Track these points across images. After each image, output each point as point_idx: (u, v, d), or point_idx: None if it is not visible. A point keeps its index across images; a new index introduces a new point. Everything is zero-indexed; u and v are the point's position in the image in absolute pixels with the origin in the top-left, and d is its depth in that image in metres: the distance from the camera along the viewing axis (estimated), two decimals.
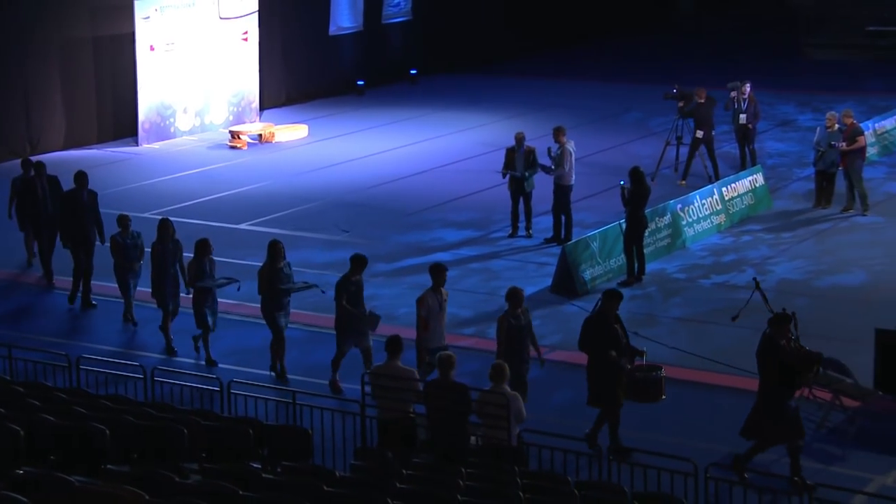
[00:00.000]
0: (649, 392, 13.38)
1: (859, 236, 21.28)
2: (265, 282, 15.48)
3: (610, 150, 27.78)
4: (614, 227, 19.73)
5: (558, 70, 38.44)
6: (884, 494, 12.03)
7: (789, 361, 12.46)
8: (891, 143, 26.98)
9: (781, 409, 12.51)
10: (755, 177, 23.25)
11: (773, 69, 35.03)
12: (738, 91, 24.51)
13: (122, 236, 17.11)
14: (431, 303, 14.27)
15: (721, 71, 34.06)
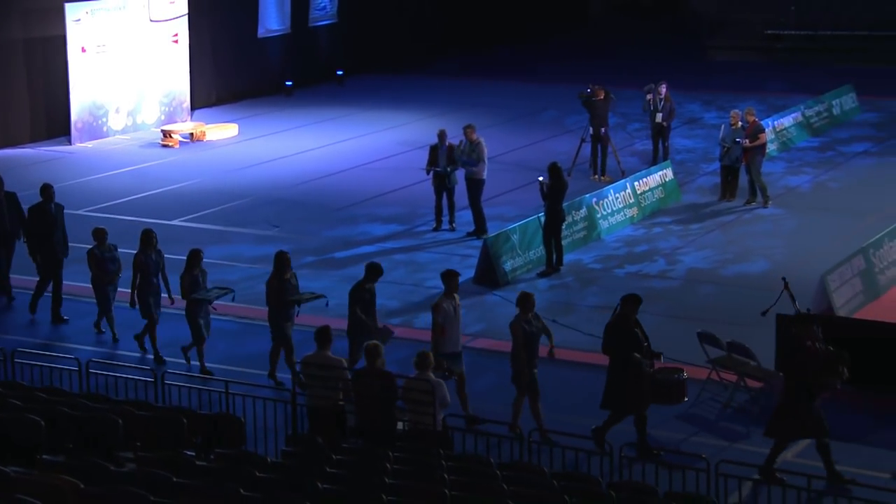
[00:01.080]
0: (672, 394, 13.19)
1: (761, 227, 21.57)
2: (274, 293, 14.87)
3: (528, 147, 27.88)
4: (533, 220, 19.80)
5: (478, 70, 38.47)
6: (784, 469, 12.21)
7: (814, 361, 12.12)
8: (789, 139, 27.39)
9: (808, 408, 12.18)
10: (665, 172, 23.46)
11: (679, 70, 35.35)
12: (655, 92, 24.75)
13: (99, 249, 16.26)
14: (447, 308, 13.74)
15: (631, 71, 34.38)
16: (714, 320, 16.30)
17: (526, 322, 13.35)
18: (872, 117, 29.98)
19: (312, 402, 12.67)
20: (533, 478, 10.80)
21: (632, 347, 12.90)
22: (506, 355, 13.97)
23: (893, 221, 19.07)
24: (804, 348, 12.11)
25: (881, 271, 17.78)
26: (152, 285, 15.75)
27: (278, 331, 14.91)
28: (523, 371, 13.25)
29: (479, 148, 20.84)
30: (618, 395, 12.95)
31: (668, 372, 13.30)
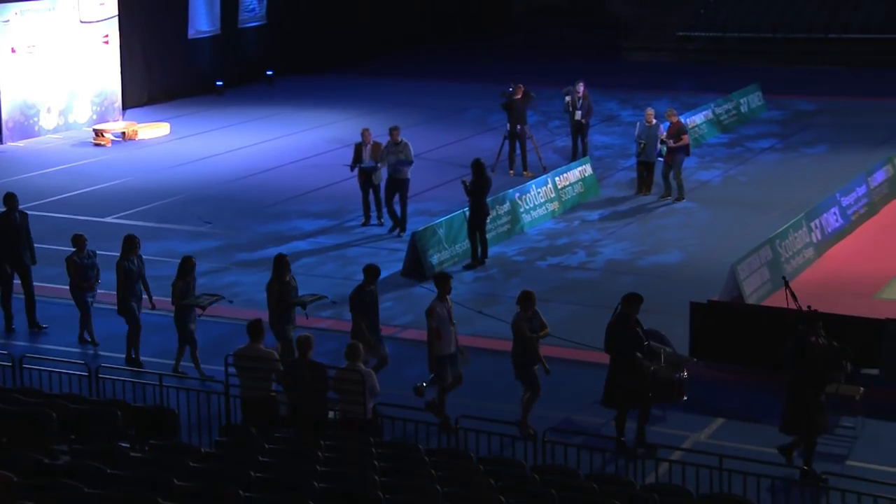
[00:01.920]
0: (672, 392, 13.14)
1: (676, 220, 21.80)
2: (274, 296, 14.41)
3: (453, 144, 27.91)
4: (459, 214, 19.81)
5: (404, 70, 38.43)
6: (697, 449, 12.36)
7: (819, 358, 12.00)
8: (700, 136, 27.71)
9: (816, 404, 12.03)
10: (584, 167, 23.62)
11: (597, 70, 35.61)
12: (574, 94, 24.92)
13: (78, 256, 15.65)
14: (440, 312, 13.39)
15: (552, 71, 34.56)
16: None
17: (527, 320, 13.12)
18: (777, 115, 30.45)
19: (245, 394, 12.55)
20: (460, 462, 10.81)
21: (633, 346, 12.69)
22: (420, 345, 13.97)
23: (798, 213, 19.37)
24: (810, 345, 12.00)
25: (787, 261, 18.07)
26: (135, 291, 15.24)
27: (281, 333, 14.28)
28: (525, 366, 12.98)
29: (406, 149, 20.76)
30: (619, 393, 12.73)
31: (669, 370, 13.24)
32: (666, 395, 13.19)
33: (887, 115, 29.20)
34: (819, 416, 12.01)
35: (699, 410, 13.72)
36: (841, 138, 27.42)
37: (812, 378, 11.99)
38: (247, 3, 36.39)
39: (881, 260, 18.87)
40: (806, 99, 31.81)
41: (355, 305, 14.07)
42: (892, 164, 22.80)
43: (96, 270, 15.88)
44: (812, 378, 11.99)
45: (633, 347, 12.68)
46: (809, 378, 12.00)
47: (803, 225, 18.97)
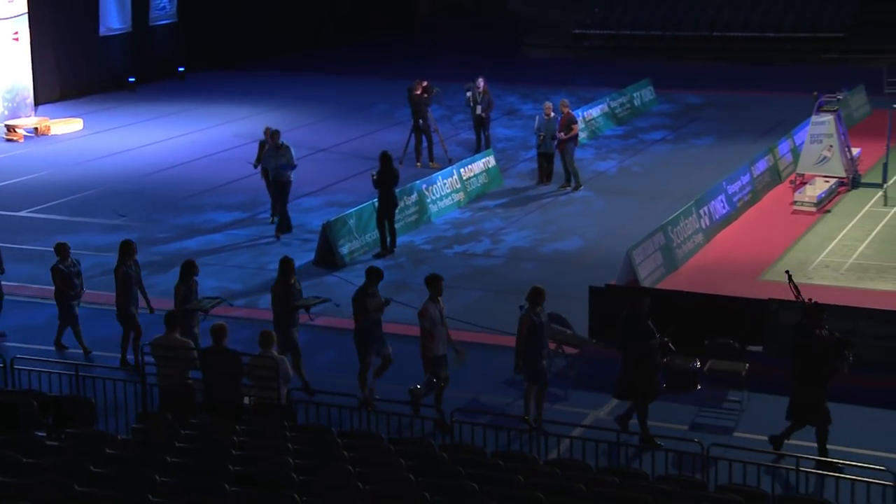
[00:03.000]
0: (687, 383, 12.97)
1: (574, 208, 22.00)
2: (279, 299, 13.80)
3: (361, 138, 27.79)
4: (368, 205, 19.74)
5: (314, 66, 38.12)
6: (596, 426, 12.52)
7: (824, 349, 11.90)
8: (597, 128, 28.02)
9: (820, 394, 11.91)
10: (488, 159, 23.70)
11: (498, 65, 35.75)
12: (475, 89, 24.99)
13: (63, 264, 14.93)
14: (433, 313, 13.03)
15: (456, 66, 34.56)
16: None
17: (535, 315, 12.77)
18: (668, 108, 30.89)
19: (162, 382, 12.35)
20: (371, 443, 10.78)
21: (645, 341, 12.48)
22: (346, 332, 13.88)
23: (688, 201, 19.68)
24: (815, 337, 11.93)
25: (678, 246, 18.36)
26: (134, 296, 14.63)
27: (285, 336, 13.64)
28: (530, 359, 12.70)
29: (288, 153, 19.94)
30: (633, 386, 12.52)
31: (683, 361, 13.09)
32: (682, 385, 12.99)
33: (768, 108, 29.81)
34: (825, 406, 11.89)
35: (598, 388, 13.87)
36: (726, 130, 27.92)
37: (817, 369, 11.88)
38: (157, 1, 35.79)
39: (764, 244, 19.29)
40: (694, 93, 32.32)
41: (358, 309, 13.49)
42: (773, 154, 23.31)
43: (81, 278, 15.20)
44: (817, 369, 11.88)
45: (645, 344, 12.44)
46: (814, 369, 11.89)
47: (693, 212, 19.29)
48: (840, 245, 18.98)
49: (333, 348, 14.84)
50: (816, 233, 19.71)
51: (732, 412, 13.26)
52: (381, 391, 13.31)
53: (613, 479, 9.92)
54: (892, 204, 20.99)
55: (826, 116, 21.85)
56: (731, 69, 35.59)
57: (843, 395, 12.97)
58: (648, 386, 12.47)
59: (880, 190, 21.37)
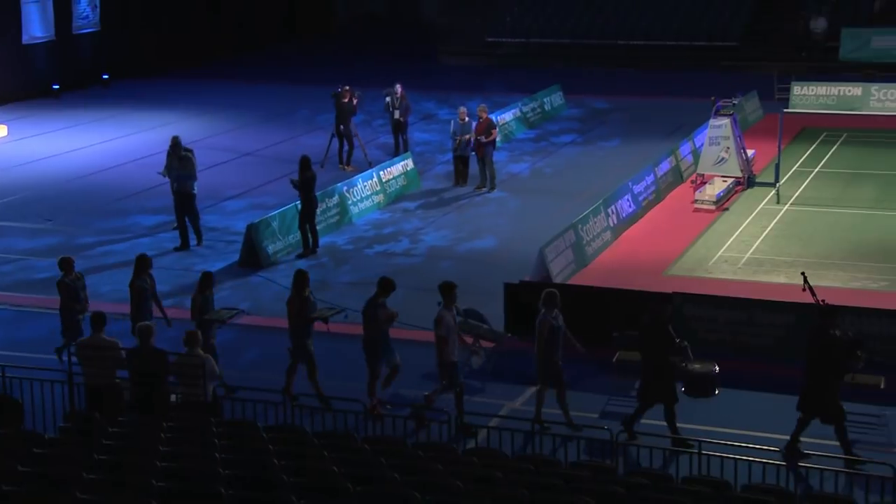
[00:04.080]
0: (707, 387, 12.68)
1: (490, 209, 22.09)
2: (295, 311, 13.28)
3: (284, 142, 27.56)
4: (291, 207, 19.58)
5: (237, 73, 37.70)
6: (512, 416, 12.57)
7: (838, 349, 11.78)
8: (510, 132, 28.16)
9: (834, 393, 11.76)
10: (406, 162, 23.69)
11: (415, 72, 35.75)
12: (393, 95, 24.98)
13: (68, 278, 14.23)
14: (449, 320, 12.72)
15: (375, 73, 34.46)
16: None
17: (553, 318, 12.53)
18: (576, 112, 31.18)
19: (90, 381, 12.09)
20: (295, 437, 10.70)
21: (666, 346, 12.27)
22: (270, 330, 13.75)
23: (597, 200, 19.88)
24: (830, 336, 11.79)
25: (588, 243, 18.54)
26: (148, 310, 14.03)
27: (301, 348, 13.28)
28: (549, 362, 12.49)
29: (188, 163, 19.25)
30: (653, 391, 12.29)
31: (701, 367, 12.74)
32: (701, 389, 12.69)
33: (670, 112, 30.25)
34: (838, 403, 11.76)
35: (514, 380, 13.94)
36: (631, 133, 28.27)
37: (832, 367, 11.76)
38: (80, 10, 35.14)
39: (668, 240, 19.57)
40: (601, 98, 32.68)
41: (368, 319, 13.13)
42: (675, 155, 23.67)
43: (86, 292, 14.51)
44: (832, 367, 11.76)
45: (666, 347, 12.26)
46: (829, 368, 11.77)
47: (601, 210, 19.49)
48: (737, 241, 19.34)
49: (256, 346, 14.69)
50: (716, 230, 20.06)
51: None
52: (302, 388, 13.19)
53: (529, 467, 9.98)
54: (785, 202, 21.47)
55: (723, 120, 22.24)
56: (635, 76, 36.06)
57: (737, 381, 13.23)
58: (668, 390, 12.23)
59: (773, 189, 21.83)
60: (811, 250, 18.57)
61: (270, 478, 9.20)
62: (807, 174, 23.38)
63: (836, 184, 22.66)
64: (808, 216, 20.62)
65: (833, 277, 17.17)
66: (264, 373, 13.72)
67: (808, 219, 20.45)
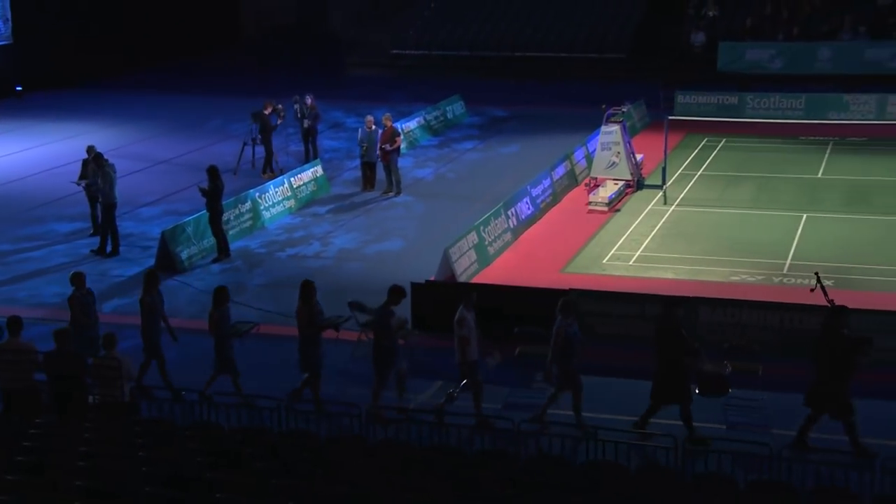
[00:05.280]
0: (721, 387, 12.37)
1: (396, 212, 22.09)
2: (304, 321, 12.85)
3: (197, 151, 27.15)
4: (204, 214, 19.29)
5: (150, 85, 37.00)
6: (421, 409, 12.60)
7: (848, 347, 11.65)
8: (415, 139, 28.22)
9: (844, 389, 11.61)
10: (316, 168, 23.55)
11: (323, 82, 35.55)
12: (302, 103, 24.82)
13: (80, 293, 13.56)
14: (470, 321, 12.51)
15: (284, 83, 34.17)
16: (361, 291, 16.52)
17: (568, 325, 12.28)
18: (476, 120, 31.36)
19: (7, 385, 11.75)
20: (213, 434, 10.56)
21: (679, 347, 12.00)
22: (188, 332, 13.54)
23: (497, 203, 20.04)
24: (840, 336, 11.66)
25: (490, 244, 18.68)
26: (159, 326, 13.41)
27: (310, 356, 12.91)
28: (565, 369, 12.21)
29: (109, 179, 18.96)
30: (667, 391, 12.05)
31: (714, 367, 12.46)
32: (715, 389, 12.42)
33: (564, 119, 30.64)
34: (848, 400, 11.62)
35: (421, 375, 13.97)
36: (529, 139, 28.56)
37: (842, 365, 11.62)
38: None
39: (565, 240, 19.82)
40: (499, 107, 32.94)
41: (380, 328, 12.82)
42: (570, 160, 23.99)
43: (95, 306, 13.89)
44: (842, 365, 11.62)
45: (679, 348, 12.00)
46: (840, 366, 11.62)
47: (502, 213, 19.66)
48: (629, 240, 19.68)
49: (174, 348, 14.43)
50: (608, 230, 20.39)
51: (542, 392, 13.55)
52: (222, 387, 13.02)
53: (436, 457, 10.02)
54: (671, 203, 21.93)
55: (613, 127, 22.61)
56: (532, 86, 36.44)
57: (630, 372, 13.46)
58: (682, 390, 11.99)
59: (660, 191, 22.28)
60: (696, 247, 19.01)
61: (189, 475, 9.07)
62: (691, 177, 23.93)
63: (718, 185, 23.24)
64: (692, 216, 21.09)
65: (715, 273, 17.61)
66: (184, 372, 13.49)
67: (693, 218, 20.93)
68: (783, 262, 17.96)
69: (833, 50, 33.51)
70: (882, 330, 13.85)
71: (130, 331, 13.61)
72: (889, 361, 13.30)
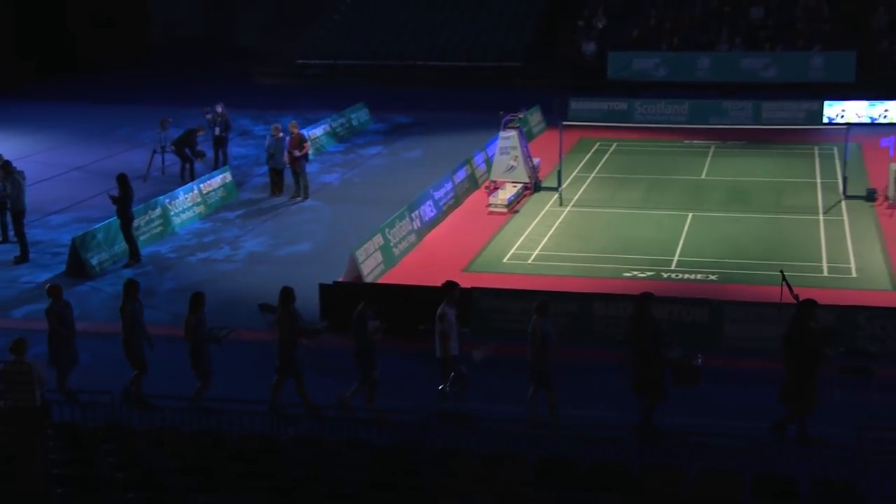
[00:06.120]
0: (694, 378, 12.17)
1: (305, 216, 21.93)
2: (284, 326, 12.62)
3: (107, 158, 26.52)
4: (114, 220, 18.86)
5: (60, 94, 35.96)
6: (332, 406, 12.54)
7: (815, 340, 11.63)
8: (321, 145, 28.05)
9: (812, 382, 11.58)
10: (225, 175, 23.24)
11: (232, 91, 35.04)
12: (213, 113, 24.49)
13: (58, 305, 13.09)
14: (451, 317, 12.39)
15: (193, 93, 33.61)
16: (271, 293, 16.34)
17: (543, 324, 12.12)
18: (381, 127, 31.34)
19: None
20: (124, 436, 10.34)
21: (654, 340, 11.88)
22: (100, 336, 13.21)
23: (402, 206, 20.06)
24: (809, 329, 11.64)
25: (395, 245, 18.69)
26: (140, 334, 12.96)
27: (291, 363, 12.70)
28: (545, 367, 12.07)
29: (17, 186, 18.55)
30: (643, 383, 11.93)
31: (687, 360, 12.27)
32: (687, 381, 12.24)
33: (464, 125, 30.81)
34: (815, 390, 11.66)
35: (332, 375, 13.89)
36: (431, 145, 28.66)
37: (810, 357, 11.66)
38: None
39: (467, 241, 19.94)
40: (403, 114, 32.97)
41: (359, 329, 12.69)
42: (470, 164, 24.16)
43: (72, 318, 13.31)
44: (810, 357, 11.66)
45: (653, 341, 11.90)
46: (808, 357, 11.66)
47: (406, 215, 19.68)
48: (527, 240, 19.91)
49: (86, 351, 14.08)
50: (508, 230, 20.59)
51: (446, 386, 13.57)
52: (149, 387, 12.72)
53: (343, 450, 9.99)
54: (567, 204, 22.26)
55: (511, 132, 22.85)
56: (433, 93, 36.55)
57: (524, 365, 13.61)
58: (657, 385, 11.91)
59: (556, 193, 22.60)
60: (590, 246, 19.33)
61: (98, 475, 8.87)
62: (585, 179, 24.33)
63: (610, 187, 23.67)
64: (586, 216, 21.44)
65: (609, 270, 17.94)
66: (96, 376, 13.15)
67: (587, 218, 21.28)
68: (671, 259, 18.40)
69: (712, 60, 34.49)
70: (759, 320, 14.32)
71: (41, 336, 13.21)
72: (766, 349, 13.74)
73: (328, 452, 9.92)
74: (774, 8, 36.46)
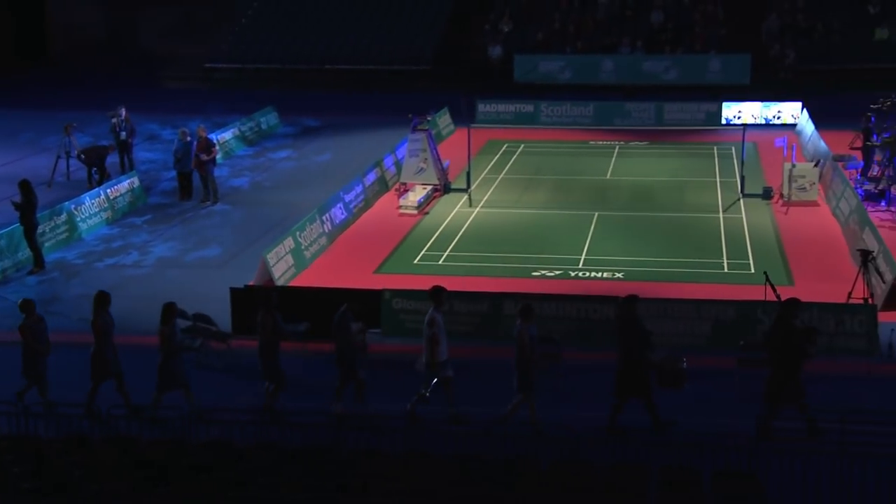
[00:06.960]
0: (678, 380, 12.11)
1: (214, 220, 21.66)
2: (267, 330, 12.43)
3: (10, 164, 25.77)
4: (17, 227, 18.33)
5: None
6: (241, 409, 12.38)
7: (798, 337, 11.67)
8: (230, 149, 27.73)
9: (797, 378, 11.60)
10: (133, 180, 22.81)
11: (138, 96, 34.35)
12: (118, 117, 24.02)
13: (31, 320, 12.68)
14: (440, 321, 12.20)
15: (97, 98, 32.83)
16: (181, 297, 16.09)
17: (528, 328, 11.90)
18: (290, 130, 31.13)
19: None
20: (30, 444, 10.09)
21: (639, 341, 11.83)
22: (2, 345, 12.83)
23: (312, 209, 19.97)
24: (792, 327, 11.72)
25: (306, 248, 18.61)
26: (112, 347, 12.58)
27: (273, 367, 12.60)
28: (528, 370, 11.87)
29: None
30: (627, 384, 11.87)
31: (672, 362, 12.27)
32: (672, 382, 12.26)
33: (374, 128, 30.82)
34: (800, 385, 11.71)
35: (244, 377, 13.76)
36: (341, 147, 28.58)
37: (793, 354, 11.73)
38: None
39: (377, 243, 19.94)
40: (312, 117, 32.80)
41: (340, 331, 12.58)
42: (380, 166, 24.18)
43: (47, 334, 12.87)
44: (793, 354, 11.73)
45: (638, 342, 11.88)
46: (791, 354, 11.73)
47: (317, 218, 19.61)
48: (438, 241, 20.02)
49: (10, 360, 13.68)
50: (419, 231, 20.66)
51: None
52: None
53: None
54: (476, 205, 22.46)
55: (420, 134, 22.95)
56: (342, 97, 36.45)
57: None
58: (642, 382, 11.90)
59: (466, 194, 22.79)
60: (499, 247, 19.54)
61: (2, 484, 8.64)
62: (493, 180, 24.57)
63: (518, 188, 23.96)
64: (495, 217, 21.67)
65: (518, 269, 18.16)
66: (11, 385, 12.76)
67: (496, 219, 21.50)
68: (578, 258, 18.72)
69: (615, 62, 35.18)
70: (663, 316, 14.67)
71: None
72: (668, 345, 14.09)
73: None
74: (673, 12, 37.39)
